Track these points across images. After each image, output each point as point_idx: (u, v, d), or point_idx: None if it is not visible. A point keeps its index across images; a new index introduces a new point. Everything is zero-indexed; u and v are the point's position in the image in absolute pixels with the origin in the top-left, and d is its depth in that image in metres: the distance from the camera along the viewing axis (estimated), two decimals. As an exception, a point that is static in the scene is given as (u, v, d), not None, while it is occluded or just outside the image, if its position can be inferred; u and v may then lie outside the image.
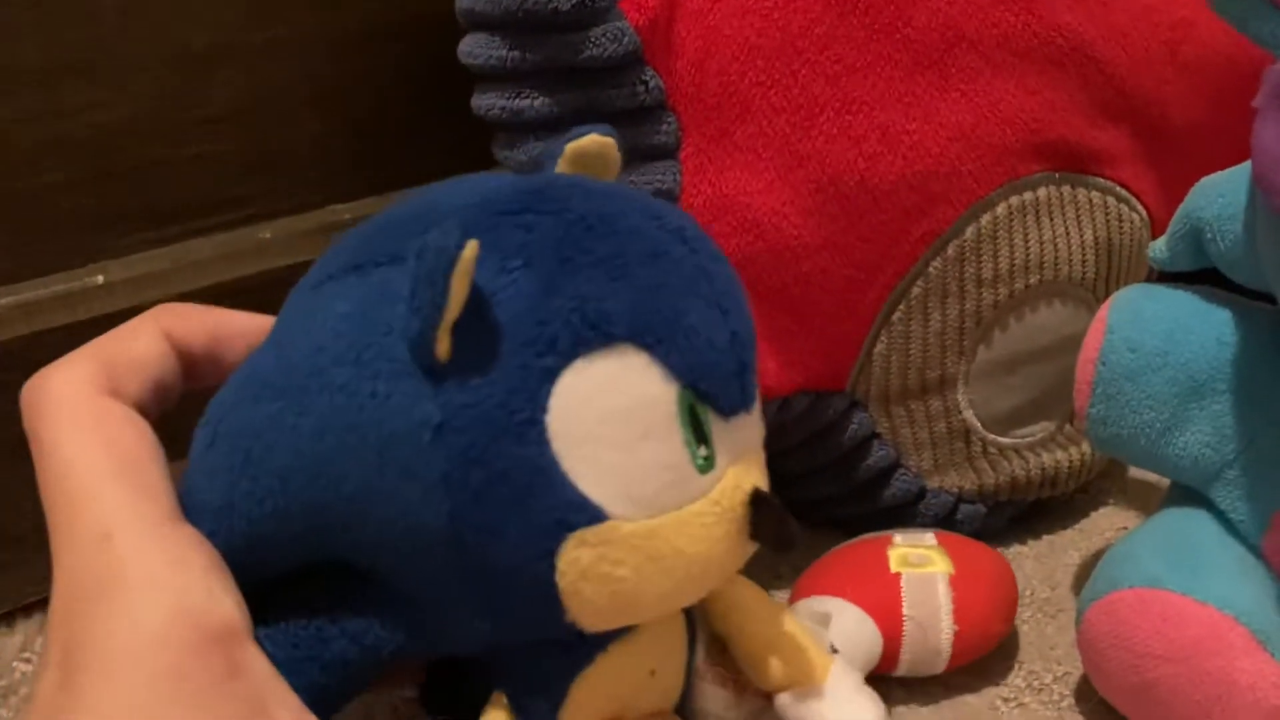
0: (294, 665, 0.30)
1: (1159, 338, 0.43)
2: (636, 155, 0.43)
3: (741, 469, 0.31)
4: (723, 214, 0.44)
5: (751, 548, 0.32)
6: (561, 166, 0.34)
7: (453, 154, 0.55)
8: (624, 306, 0.29)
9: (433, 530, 0.28)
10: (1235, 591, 0.39)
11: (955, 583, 0.45)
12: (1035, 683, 0.46)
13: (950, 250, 0.48)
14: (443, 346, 0.27)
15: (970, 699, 0.46)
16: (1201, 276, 0.45)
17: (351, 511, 0.28)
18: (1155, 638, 0.40)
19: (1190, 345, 0.42)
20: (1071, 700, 0.45)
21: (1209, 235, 0.42)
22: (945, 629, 0.44)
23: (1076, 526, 0.55)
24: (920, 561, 0.46)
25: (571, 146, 0.33)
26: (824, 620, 0.42)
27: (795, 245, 0.45)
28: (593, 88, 0.42)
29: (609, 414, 0.28)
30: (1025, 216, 0.49)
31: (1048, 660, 0.47)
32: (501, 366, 0.28)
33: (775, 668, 0.36)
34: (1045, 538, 0.54)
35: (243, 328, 0.32)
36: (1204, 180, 0.43)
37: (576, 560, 0.29)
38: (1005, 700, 0.46)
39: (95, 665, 0.26)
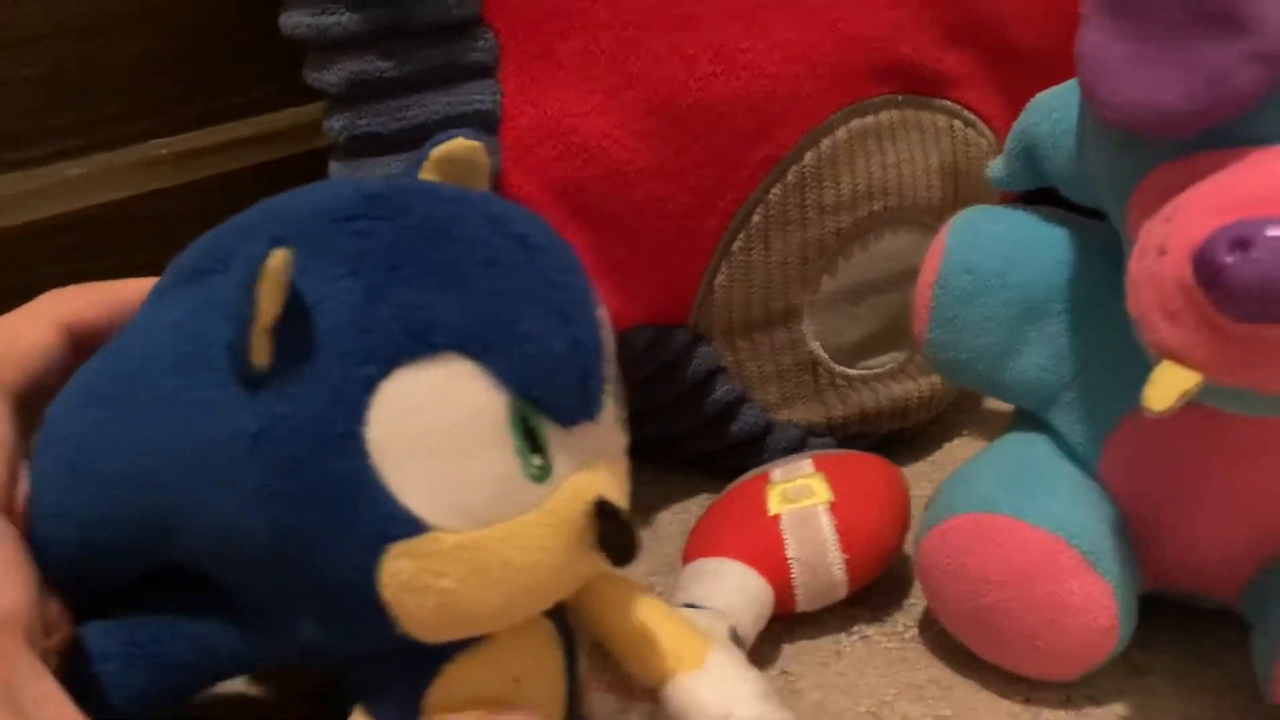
0: (130, 660, 0.30)
1: (997, 260, 0.42)
2: (452, 74, 0.41)
3: (587, 477, 0.30)
4: (549, 136, 0.42)
5: (599, 558, 0.31)
6: (428, 173, 0.33)
7: (283, 82, 0.52)
8: (450, 314, 0.28)
9: (256, 541, 0.28)
10: (1068, 513, 0.39)
11: (837, 510, 0.43)
12: (881, 614, 0.46)
13: (790, 176, 0.46)
14: (259, 355, 0.27)
15: (813, 632, 0.45)
16: (1050, 198, 0.44)
17: (178, 521, 0.29)
18: (988, 562, 0.39)
19: (1027, 267, 0.42)
20: (915, 631, 0.45)
21: (1043, 152, 0.41)
22: (834, 560, 0.43)
23: (930, 458, 0.55)
24: (799, 495, 0.44)
25: (436, 152, 0.33)
26: (717, 601, 0.41)
27: (628, 170, 0.44)
28: (402, 1, 0.40)
29: (432, 425, 0.28)
30: (867, 140, 0.47)
31: (894, 592, 0.47)
32: (320, 377, 0.27)
33: (653, 662, 0.35)
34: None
35: (142, 294, 0.31)
36: (1038, 96, 0.42)
37: (398, 573, 0.28)
38: (849, 634, 0.45)
39: None
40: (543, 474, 0.29)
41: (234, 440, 0.27)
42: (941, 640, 0.43)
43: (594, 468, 0.31)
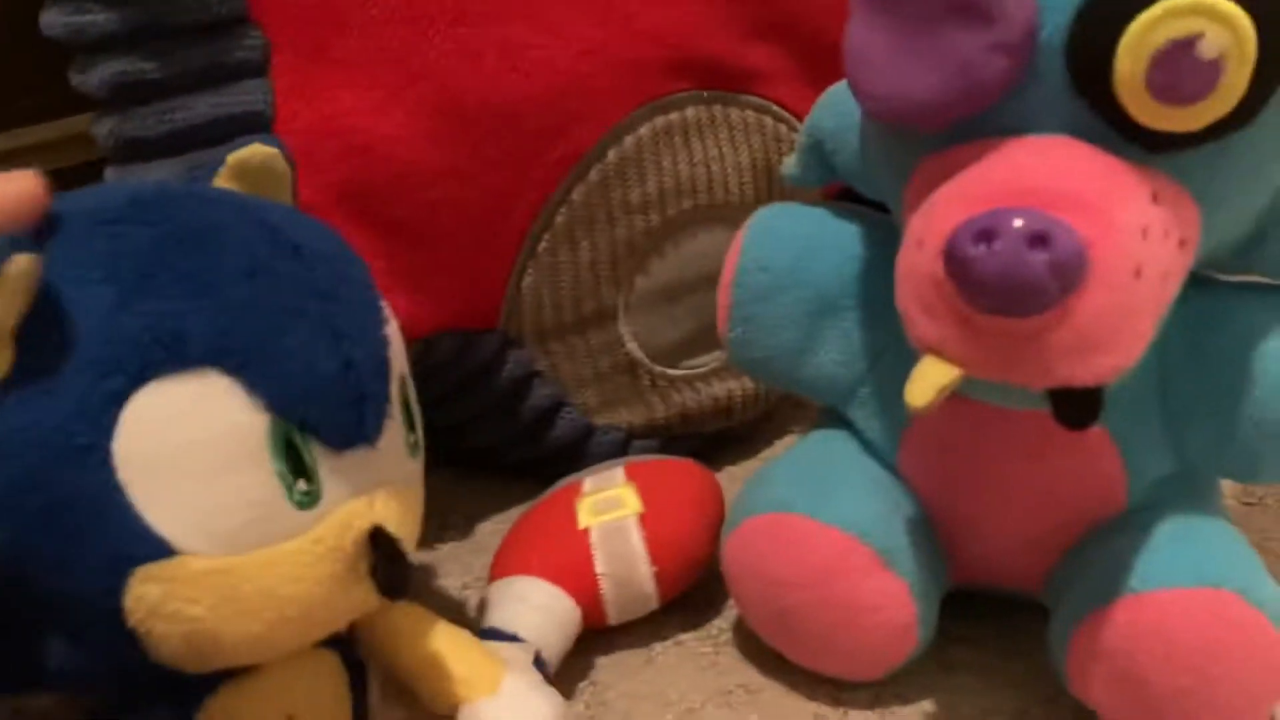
0: None
1: (790, 256, 0.41)
2: (219, 74, 0.39)
3: (362, 505, 0.29)
4: (326, 138, 0.41)
5: (373, 591, 0.30)
6: (225, 182, 0.32)
7: (59, 88, 0.49)
8: (204, 326, 0.27)
9: None
10: (861, 512, 0.39)
11: (648, 522, 0.43)
12: (695, 619, 0.45)
13: (593, 175, 0.45)
14: None
15: (627, 639, 0.44)
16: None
17: None
18: (785, 564, 0.39)
19: (820, 263, 0.41)
20: (729, 635, 0.44)
21: (830, 147, 0.41)
22: (644, 574, 0.42)
23: (760, 455, 0.54)
24: (609, 507, 0.43)
25: (233, 159, 0.32)
26: (522, 625, 0.40)
27: (417, 172, 0.42)
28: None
29: (184, 442, 0.27)
30: (672, 138, 0.47)
31: (710, 596, 0.46)
32: (66, 386, 0.26)
33: (445, 688, 0.35)
34: (726, 469, 0.53)
35: None
36: (827, 91, 0.42)
37: (144, 596, 0.27)
38: (662, 640, 0.44)
39: None
40: (309, 500, 0.28)
41: None
42: (754, 644, 0.43)
43: (373, 495, 0.30)
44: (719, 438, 0.53)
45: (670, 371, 0.50)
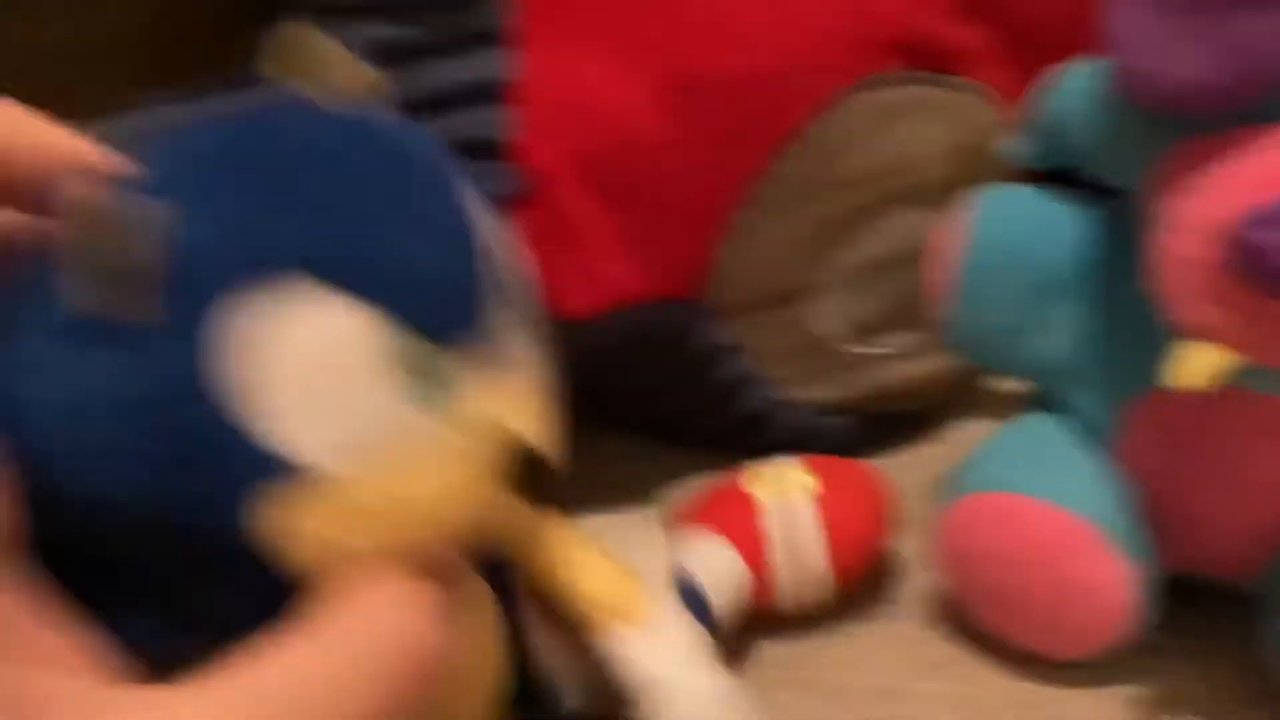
0: None
1: (1017, 237, 0.42)
2: (469, 41, 0.40)
3: (496, 402, 0.27)
4: (568, 107, 0.41)
5: (503, 494, 0.28)
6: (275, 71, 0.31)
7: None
8: (295, 236, 0.25)
9: (140, 514, 0.25)
10: (1088, 493, 0.39)
11: (821, 499, 0.43)
12: (890, 595, 0.45)
13: (803, 150, 0.46)
14: (142, 306, 0.24)
15: (818, 625, 0.44)
16: (1056, 180, 0.44)
17: (55, 497, 0.25)
18: (1011, 542, 0.39)
19: (1051, 245, 0.41)
20: (927, 613, 0.44)
21: (1065, 128, 0.40)
22: (817, 549, 0.42)
23: (942, 440, 0.54)
24: (782, 483, 0.44)
25: (271, 45, 0.31)
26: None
27: (643, 142, 0.43)
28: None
29: (295, 358, 0.25)
30: (879, 117, 0.47)
31: (903, 574, 0.46)
32: (179, 325, 0.25)
33: (589, 612, 0.34)
34: (908, 450, 0.53)
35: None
36: (1062, 71, 0.41)
37: (275, 520, 0.26)
38: (855, 620, 0.44)
39: None
40: (434, 402, 0.26)
41: (112, 405, 0.25)
42: (952, 621, 0.43)
43: (503, 389, 0.28)
44: (902, 419, 0.53)
45: (860, 350, 0.51)
